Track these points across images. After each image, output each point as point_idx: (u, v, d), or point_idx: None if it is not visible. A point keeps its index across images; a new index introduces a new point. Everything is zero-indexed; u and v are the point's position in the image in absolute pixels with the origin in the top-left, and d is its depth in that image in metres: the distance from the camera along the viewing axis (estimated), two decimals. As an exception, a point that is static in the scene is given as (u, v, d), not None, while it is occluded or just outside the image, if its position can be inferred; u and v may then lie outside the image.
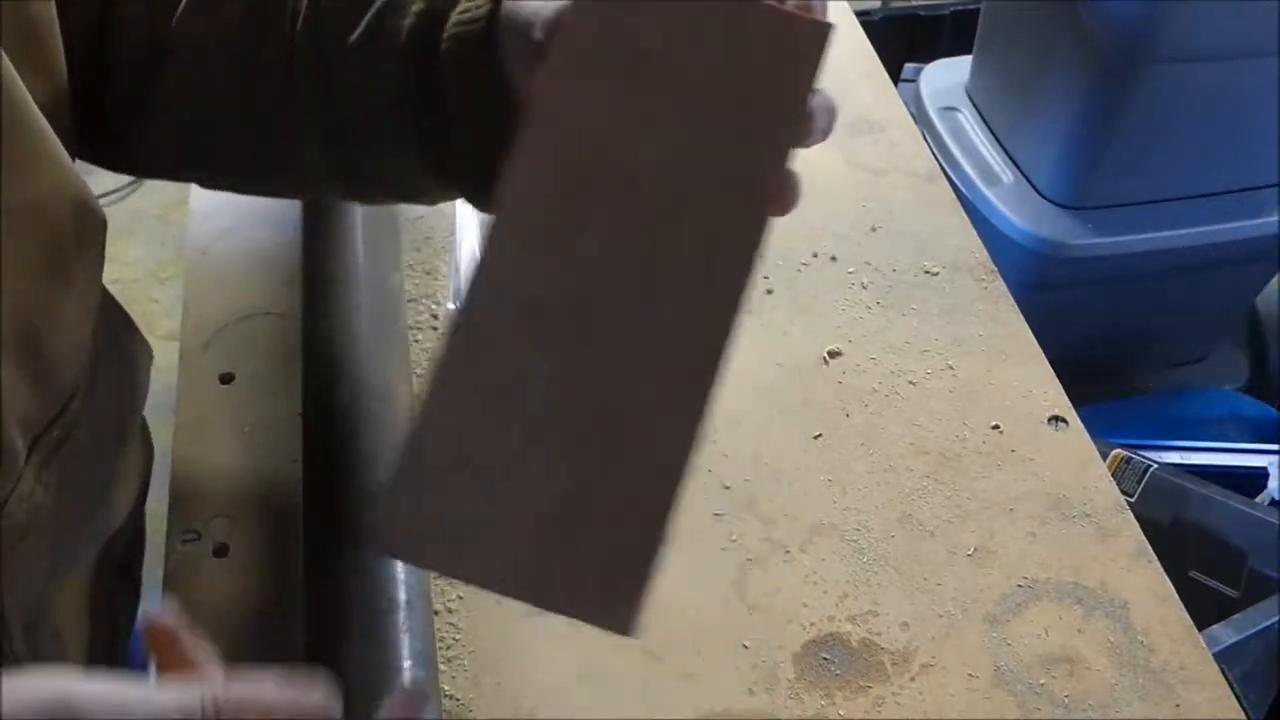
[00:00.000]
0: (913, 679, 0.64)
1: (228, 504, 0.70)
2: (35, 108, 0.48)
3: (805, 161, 0.39)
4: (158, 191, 2.25)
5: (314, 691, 0.39)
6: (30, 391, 0.49)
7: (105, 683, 0.37)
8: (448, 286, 0.83)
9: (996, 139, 1.56)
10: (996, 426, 0.77)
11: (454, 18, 0.52)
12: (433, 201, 0.61)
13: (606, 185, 0.42)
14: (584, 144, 0.42)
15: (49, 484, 0.51)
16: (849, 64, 1.05)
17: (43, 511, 0.51)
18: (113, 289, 0.59)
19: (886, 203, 0.92)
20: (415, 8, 0.52)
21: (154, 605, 0.45)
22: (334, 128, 0.55)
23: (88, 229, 0.52)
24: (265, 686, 0.39)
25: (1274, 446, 1.40)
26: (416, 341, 0.79)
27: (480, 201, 0.56)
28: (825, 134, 0.44)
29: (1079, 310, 1.56)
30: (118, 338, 0.62)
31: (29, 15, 0.49)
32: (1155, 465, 1.28)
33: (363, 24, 0.53)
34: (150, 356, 0.66)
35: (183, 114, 0.57)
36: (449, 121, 0.53)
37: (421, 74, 0.52)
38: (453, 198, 0.59)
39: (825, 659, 0.65)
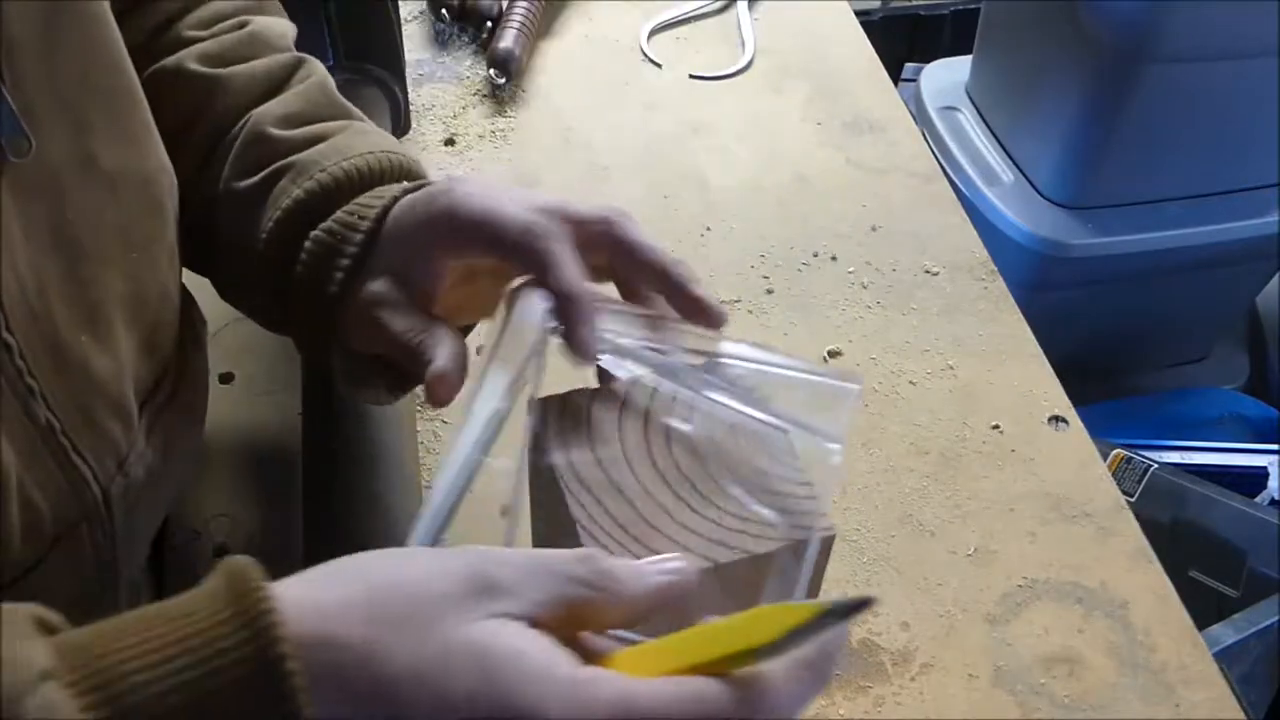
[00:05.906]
0: (913, 679, 0.64)
1: (228, 504, 0.70)
2: (139, 82, 0.49)
3: (806, 160, 0.39)
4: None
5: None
6: (140, 353, 0.50)
7: (514, 553, 0.36)
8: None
9: (996, 139, 1.56)
10: (996, 426, 0.77)
11: (328, 223, 0.52)
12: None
13: None
14: None
15: (156, 444, 0.52)
16: (849, 64, 1.05)
17: (154, 470, 0.52)
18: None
19: (886, 203, 0.92)
20: (306, 185, 0.53)
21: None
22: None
23: (176, 199, 0.54)
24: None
25: (1274, 446, 1.40)
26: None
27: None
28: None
29: (1079, 310, 1.56)
30: (187, 300, 0.63)
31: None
32: (1155, 465, 1.28)
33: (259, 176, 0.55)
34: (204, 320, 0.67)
35: None
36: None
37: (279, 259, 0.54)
38: None
39: (825, 659, 0.65)
